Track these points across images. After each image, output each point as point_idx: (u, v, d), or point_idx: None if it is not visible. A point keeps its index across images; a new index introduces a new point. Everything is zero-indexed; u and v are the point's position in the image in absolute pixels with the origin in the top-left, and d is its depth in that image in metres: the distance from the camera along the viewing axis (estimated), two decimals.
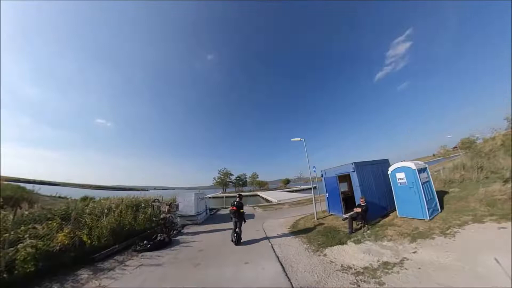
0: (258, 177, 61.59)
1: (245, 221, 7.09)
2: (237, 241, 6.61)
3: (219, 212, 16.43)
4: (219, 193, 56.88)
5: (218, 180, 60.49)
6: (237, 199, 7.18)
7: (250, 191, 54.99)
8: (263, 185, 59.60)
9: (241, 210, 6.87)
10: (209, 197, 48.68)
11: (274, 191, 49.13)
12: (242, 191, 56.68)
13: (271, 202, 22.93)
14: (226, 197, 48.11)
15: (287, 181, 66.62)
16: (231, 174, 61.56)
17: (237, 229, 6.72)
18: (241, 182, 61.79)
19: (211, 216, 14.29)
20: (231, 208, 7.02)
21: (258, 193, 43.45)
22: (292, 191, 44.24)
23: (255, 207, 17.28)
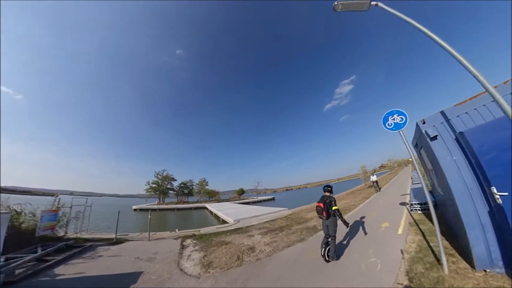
0: (207, 185, 50.95)
1: (346, 225, 4.52)
2: (329, 254, 4.35)
3: (101, 250, 7.00)
4: (154, 203, 43.13)
5: (153, 185, 45.78)
6: (326, 194, 4.67)
7: (197, 201, 44.14)
8: (214, 195, 49.52)
9: (334, 207, 4.37)
10: (136, 209, 35.71)
11: (226, 202, 40.44)
12: (187, 202, 45.14)
13: (226, 222, 14.80)
14: (161, 209, 35.66)
15: (241, 192, 58.88)
16: (173, 179, 48.62)
17: (329, 238, 4.43)
18: (186, 190, 49.77)
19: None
20: (316, 204, 4.58)
21: (207, 205, 33.86)
22: (248, 203, 36.86)
23: (183, 241, 8.14)
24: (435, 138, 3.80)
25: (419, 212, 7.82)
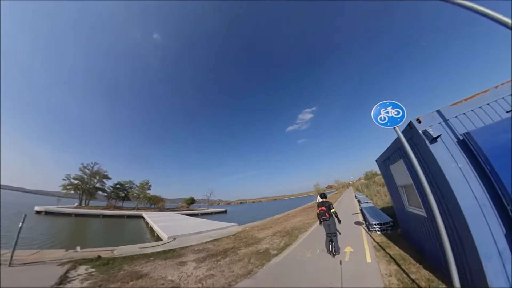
0: (150, 189, 42.82)
1: (339, 221, 5.75)
2: (335, 250, 5.40)
3: None
4: (73, 206, 33.53)
5: (75, 181, 35.22)
6: (322, 199, 6.01)
7: (134, 208, 36.88)
8: (157, 202, 42.53)
9: (333, 210, 5.68)
10: (39, 212, 26.34)
11: (171, 212, 35.38)
12: (120, 207, 37.30)
13: (160, 239, 11.92)
14: (79, 215, 26.41)
15: (191, 201, 53.14)
16: (106, 177, 39.17)
17: (331, 235, 5.49)
18: (122, 192, 41.19)
19: None
20: (319, 209, 5.75)
21: (144, 214, 28.42)
22: (197, 215, 33.11)
23: (72, 270, 5.46)
24: (435, 140, 2.96)
25: (378, 233, 7.38)
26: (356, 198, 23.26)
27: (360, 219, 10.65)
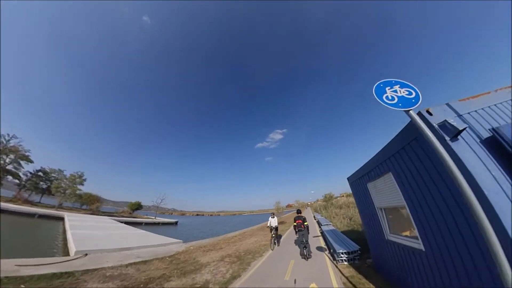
0: (83, 183, 33.05)
1: (309, 233, 7.68)
2: (309, 254, 7.19)
3: None
4: None
5: None
6: (298, 214, 8.06)
7: (56, 207, 29.15)
8: (90, 202, 34.62)
9: (306, 223, 7.62)
10: None
11: (107, 217, 29.46)
12: (37, 203, 29.07)
13: (70, 254, 8.87)
14: None
15: (137, 206, 45.55)
16: (27, 159, 29.16)
17: (305, 243, 7.19)
18: (43, 183, 32.19)
19: None
20: (296, 222, 7.68)
21: (67, 215, 22.55)
22: (140, 224, 28.45)
23: None
24: (455, 137, 2.15)
25: (346, 263, 6.37)
26: (316, 219, 23.02)
27: (322, 243, 9.67)
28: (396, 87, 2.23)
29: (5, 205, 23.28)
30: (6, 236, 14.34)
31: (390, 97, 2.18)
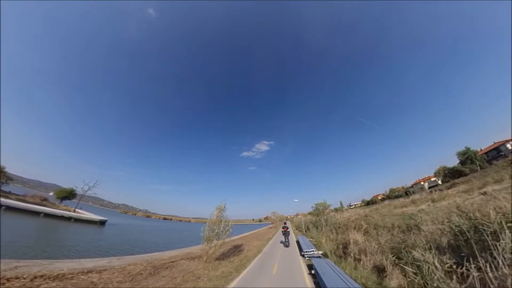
0: None
1: (289, 234, 17.97)
2: (288, 243, 17.05)
3: None
4: None
5: None
6: (285, 224, 18.93)
7: None
8: None
9: (288, 229, 17.91)
10: None
11: None
12: None
13: None
14: None
15: (66, 194, 31.88)
16: None
17: (286, 241, 17.26)
18: None
19: None
20: (284, 229, 17.96)
21: None
22: (37, 214, 19.17)
23: None
24: None
25: None
26: (302, 253, 11.93)
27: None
28: None
29: None
30: None
31: None
